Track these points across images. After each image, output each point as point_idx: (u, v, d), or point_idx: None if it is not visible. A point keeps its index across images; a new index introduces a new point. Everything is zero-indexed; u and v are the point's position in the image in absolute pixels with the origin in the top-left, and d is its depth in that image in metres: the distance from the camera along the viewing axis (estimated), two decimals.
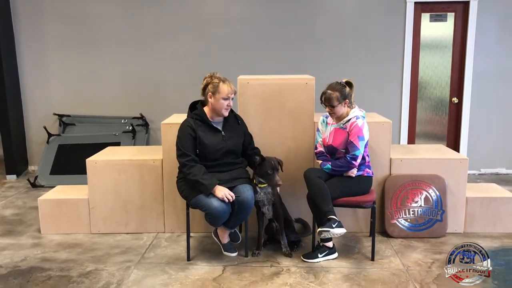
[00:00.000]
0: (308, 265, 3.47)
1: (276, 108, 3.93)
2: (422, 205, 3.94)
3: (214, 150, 3.44)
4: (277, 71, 5.16)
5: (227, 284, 3.18)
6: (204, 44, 5.98)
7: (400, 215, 3.94)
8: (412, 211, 3.94)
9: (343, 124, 3.51)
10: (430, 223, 3.93)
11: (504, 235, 4.01)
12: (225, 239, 3.65)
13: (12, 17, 6.00)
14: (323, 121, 3.68)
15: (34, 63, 6.13)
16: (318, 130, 3.73)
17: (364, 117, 3.52)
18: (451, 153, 4.29)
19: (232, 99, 3.48)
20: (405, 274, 3.32)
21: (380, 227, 4.03)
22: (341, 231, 3.27)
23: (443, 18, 5.91)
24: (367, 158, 3.59)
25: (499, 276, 3.23)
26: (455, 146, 6.02)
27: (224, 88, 3.41)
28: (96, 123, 6.14)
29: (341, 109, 3.48)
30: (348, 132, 3.46)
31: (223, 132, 3.51)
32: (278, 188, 3.59)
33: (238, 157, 3.61)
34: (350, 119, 3.48)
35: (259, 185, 3.52)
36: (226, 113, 3.47)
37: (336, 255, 3.57)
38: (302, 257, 3.55)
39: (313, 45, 5.91)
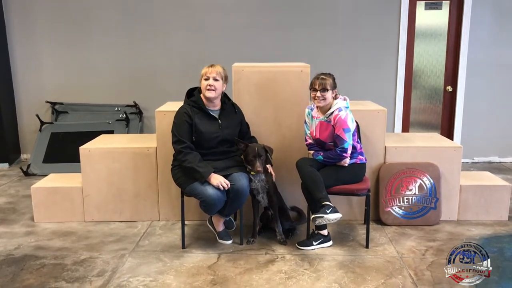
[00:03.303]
0: (303, 252, 3.48)
1: (271, 95, 3.91)
2: (416, 193, 3.95)
3: (209, 138, 3.43)
4: (272, 59, 5.13)
5: (222, 272, 3.19)
6: (197, 31, 5.93)
7: (395, 203, 3.96)
8: (406, 199, 3.96)
9: (327, 117, 3.49)
10: (424, 211, 3.95)
11: (497, 222, 4.05)
12: (220, 227, 3.65)
13: (3, 3, 5.91)
14: (309, 114, 3.66)
15: (26, 50, 6.06)
16: (305, 122, 3.71)
17: (347, 107, 3.50)
18: (445, 141, 4.31)
19: (217, 80, 3.43)
20: (399, 262, 3.34)
21: (374, 215, 4.04)
22: (336, 216, 3.27)
23: (438, 6, 5.89)
24: (358, 146, 3.58)
25: (491, 263, 3.25)
26: (449, 135, 6.04)
27: (204, 69, 3.47)
28: (89, 111, 6.10)
29: (330, 96, 3.47)
30: (333, 125, 3.45)
31: (219, 121, 3.50)
32: (273, 176, 3.60)
33: (233, 145, 3.60)
34: (333, 111, 3.46)
35: (251, 173, 3.52)
36: (209, 94, 3.42)
37: (330, 243, 3.59)
38: (297, 245, 3.56)
39: (308, 33, 5.88)
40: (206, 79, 3.42)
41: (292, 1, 5.84)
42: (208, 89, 3.41)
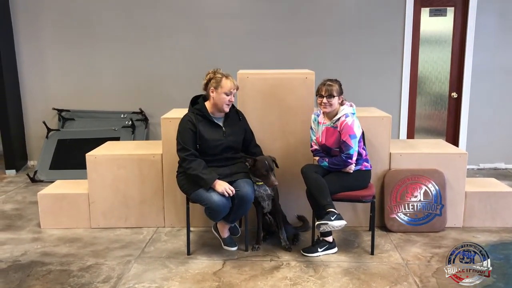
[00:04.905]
0: (308, 259, 3.48)
1: (276, 102, 3.93)
2: (422, 199, 3.95)
3: (214, 145, 3.44)
4: (277, 66, 5.16)
5: (227, 278, 3.19)
6: (203, 38, 5.97)
7: (400, 210, 3.95)
8: (412, 205, 3.95)
9: (334, 123, 3.50)
10: (429, 218, 3.94)
11: (503, 229, 4.03)
12: (225, 233, 3.65)
13: (11, 11, 5.98)
14: (315, 120, 3.66)
15: (33, 58, 6.11)
16: (311, 128, 3.72)
17: (354, 113, 3.51)
18: (450, 147, 4.30)
19: (234, 95, 3.48)
20: (405, 268, 3.33)
21: (379, 221, 4.04)
22: (341, 223, 3.27)
23: (442, 13, 5.90)
24: (363, 152, 3.59)
25: (497, 270, 3.25)
26: (454, 141, 6.03)
27: (227, 83, 3.42)
28: (96, 118, 6.13)
29: (337, 102, 3.48)
30: (339, 131, 3.46)
31: (223, 128, 3.52)
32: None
33: (237, 152, 3.61)
34: (340, 117, 3.47)
35: (257, 183, 3.52)
36: (227, 109, 3.47)
37: (335, 249, 3.58)
38: (301, 251, 3.56)
39: (312, 40, 5.90)
40: (227, 94, 3.43)
41: (297, 8, 5.86)
42: (227, 105, 3.45)
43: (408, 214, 3.95)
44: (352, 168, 3.50)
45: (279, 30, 5.90)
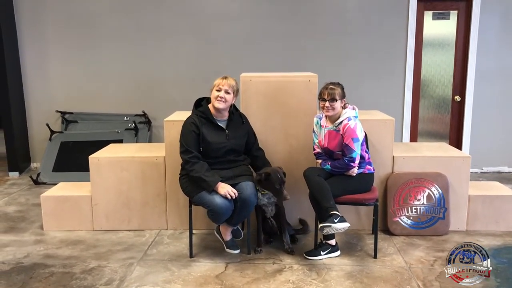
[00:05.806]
0: (311, 262, 3.47)
1: (279, 105, 3.92)
2: (425, 203, 3.93)
3: (217, 148, 3.45)
4: (279, 68, 5.16)
5: (229, 281, 3.19)
6: (206, 41, 5.98)
7: (403, 213, 3.94)
8: (415, 209, 3.94)
9: (336, 126, 3.50)
10: (433, 221, 3.93)
11: (506, 233, 4.01)
12: (228, 236, 3.65)
13: (15, 14, 6.00)
14: (317, 123, 3.66)
15: (36, 60, 6.14)
16: (314, 131, 3.72)
17: (356, 117, 3.51)
18: (453, 151, 4.29)
19: (228, 93, 3.45)
20: (408, 272, 3.32)
21: (382, 225, 4.03)
22: (344, 225, 3.26)
23: (446, 16, 5.89)
24: (366, 156, 3.58)
25: (501, 274, 3.24)
26: (458, 144, 6.01)
27: (217, 80, 3.49)
28: (99, 121, 6.15)
29: (339, 105, 3.48)
30: (341, 134, 3.46)
31: (227, 131, 3.52)
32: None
33: (240, 155, 3.62)
34: (342, 121, 3.46)
35: (262, 192, 3.51)
36: (218, 105, 3.44)
37: (338, 253, 3.58)
38: (304, 255, 3.55)
39: (315, 43, 5.90)
40: (218, 90, 3.45)
41: (300, 11, 5.87)
42: (218, 100, 3.44)
43: (411, 218, 3.94)
44: (354, 171, 3.50)
45: (281, 32, 5.90)
